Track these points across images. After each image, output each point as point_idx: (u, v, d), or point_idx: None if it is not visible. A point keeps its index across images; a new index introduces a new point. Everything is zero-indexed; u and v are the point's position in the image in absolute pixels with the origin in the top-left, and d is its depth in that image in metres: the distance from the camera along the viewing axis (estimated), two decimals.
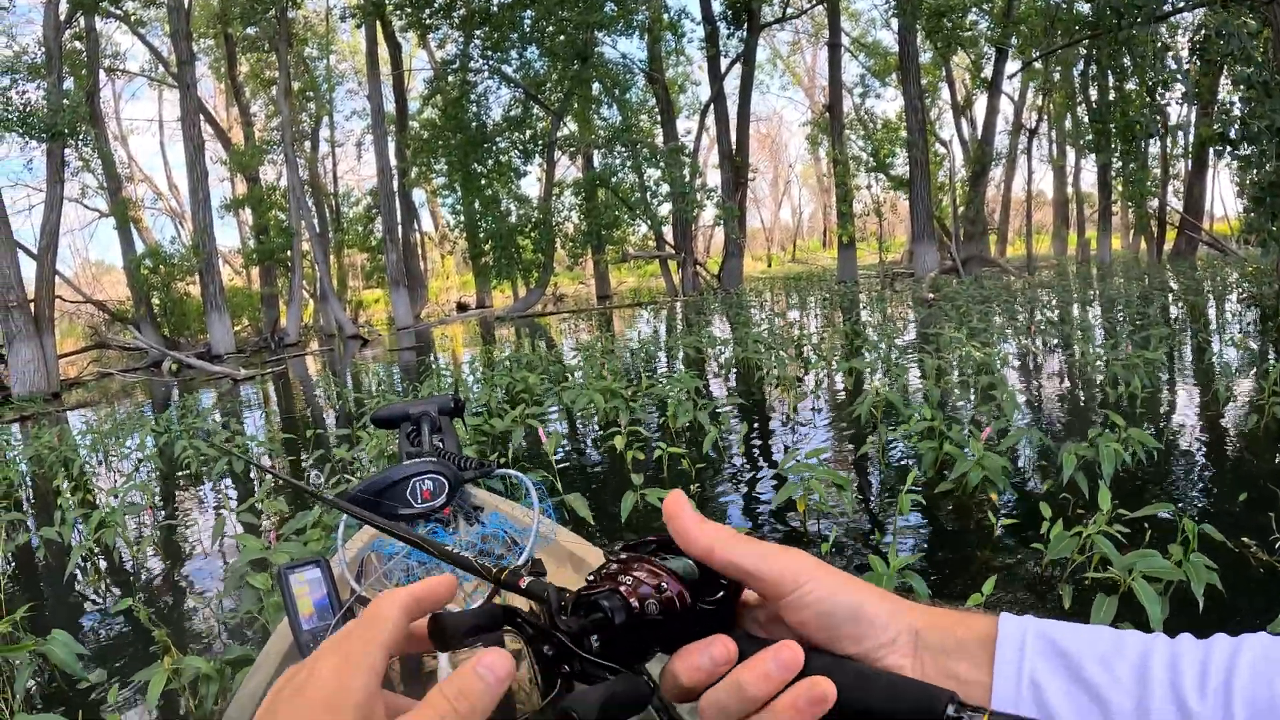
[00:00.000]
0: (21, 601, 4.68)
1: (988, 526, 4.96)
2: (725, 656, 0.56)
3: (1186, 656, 0.51)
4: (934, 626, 0.58)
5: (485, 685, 0.51)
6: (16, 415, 16.21)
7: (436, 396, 2.07)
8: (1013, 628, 0.56)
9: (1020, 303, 18.45)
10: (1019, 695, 0.54)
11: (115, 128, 45.70)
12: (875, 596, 0.59)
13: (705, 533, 0.60)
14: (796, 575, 0.58)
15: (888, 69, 36.48)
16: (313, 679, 0.50)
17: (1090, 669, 0.53)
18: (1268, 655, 0.49)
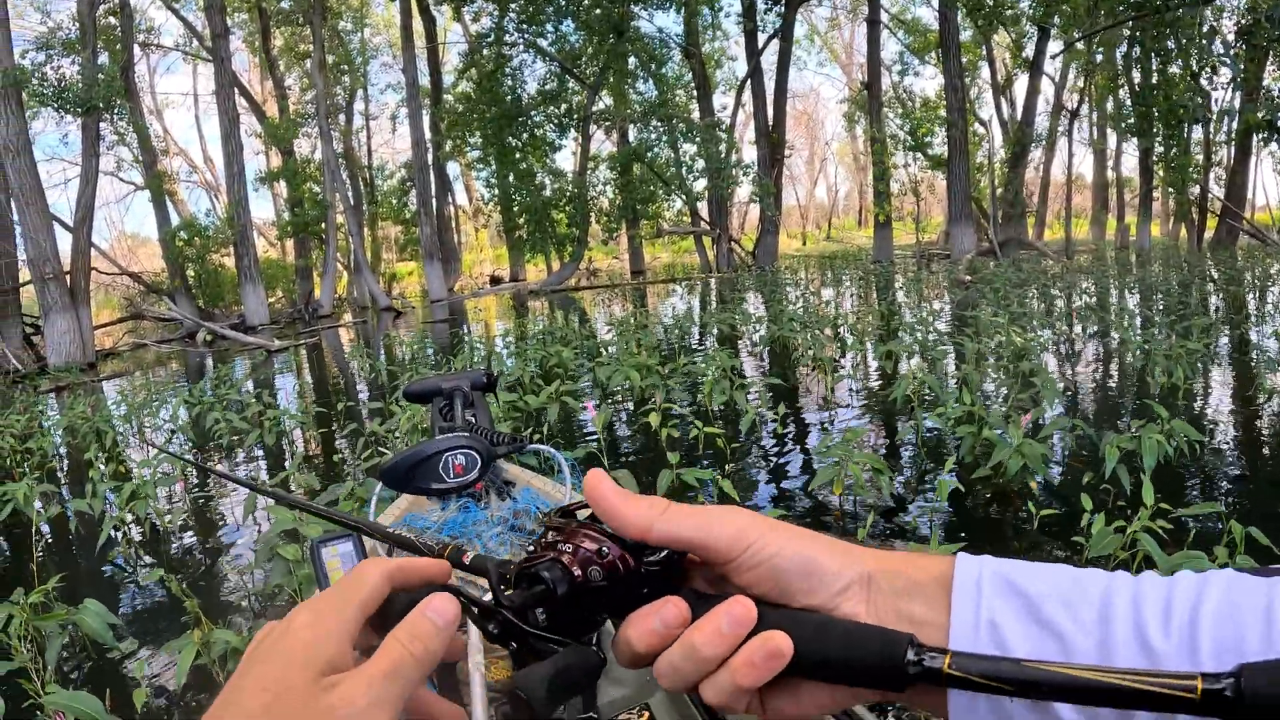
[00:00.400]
0: (54, 572, 4.70)
1: (1025, 516, 4.89)
2: (677, 618, 0.55)
3: (1150, 594, 0.50)
4: (886, 570, 0.57)
5: (435, 628, 0.54)
6: (53, 385, 16.34)
7: (469, 371, 2.07)
8: (970, 567, 0.55)
9: (1058, 288, 18.23)
10: (977, 635, 0.52)
11: (150, 102, 45.88)
12: (824, 546, 0.58)
13: (636, 511, 0.58)
14: (742, 537, 0.57)
15: (927, 46, 36.06)
16: (287, 634, 0.52)
17: (1050, 607, 0.51)
18: (1233, 591, 0.48)
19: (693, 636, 0.54)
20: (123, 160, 34.88)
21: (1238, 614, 0.47)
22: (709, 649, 0.53)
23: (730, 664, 0.53)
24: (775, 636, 0.52)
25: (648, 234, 35.74)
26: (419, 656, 0.53)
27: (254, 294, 27.38)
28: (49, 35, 22.63)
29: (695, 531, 0.57)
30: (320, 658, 0.51)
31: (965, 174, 30.38)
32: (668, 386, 8.27)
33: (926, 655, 0.49)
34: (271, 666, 0.50)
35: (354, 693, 0.49)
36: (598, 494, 0.59)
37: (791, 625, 0.53)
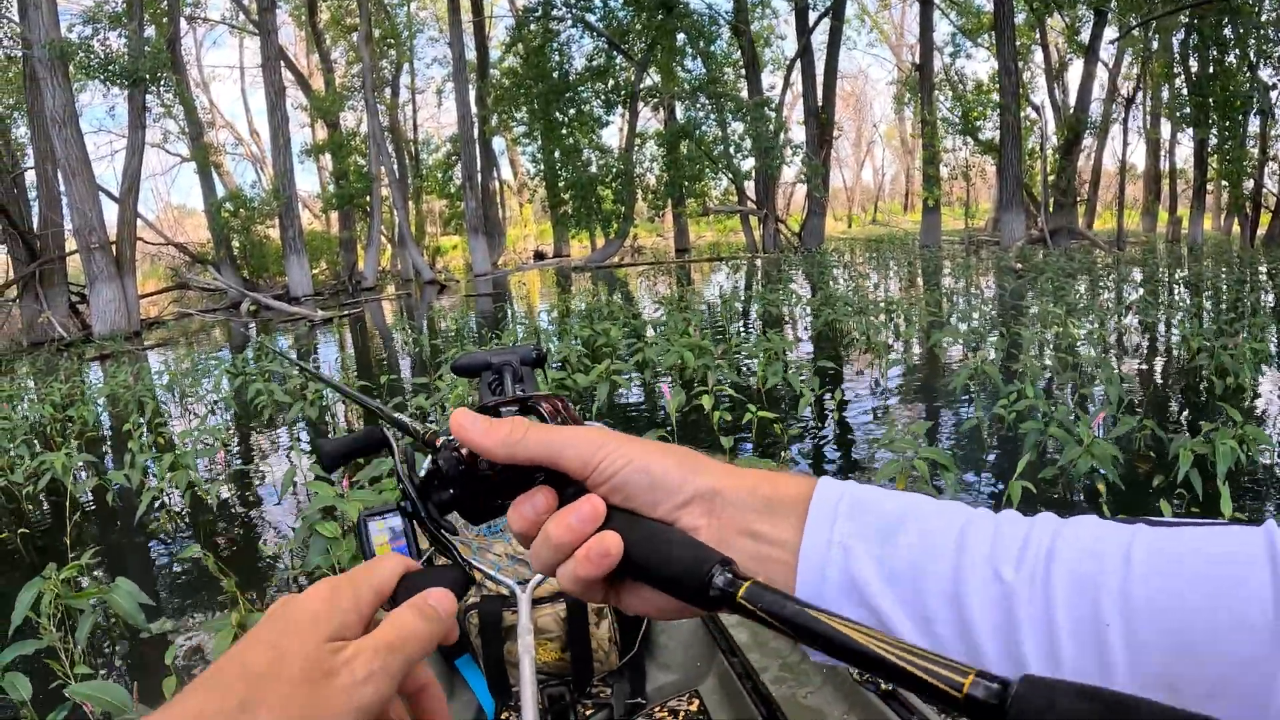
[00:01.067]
0: (91, 544, 4.59)
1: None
2: (546, 506, 0.60)
3: (1007, 529, 0.52)
4: (738, 486, 0.58)
5: (436, 614, 0.57)
6: (97, 354, 16.43)
7: (519, 346, 1.94)
8: (830, 491, 0.57)
9: (1112, 280, 17.81)
10: (827, 557, 0.54)
11: (197, 75, 46.19)
12: (673, 460, 0.59)
13: (497, 436, 0.61)
14: (593, 455, 0.59)
15: (980, 28, 35.44)
16: (300, 602, 0.54)
17: (906, 535, 0.53)
18: (1093, 535, 0.49)
19: (549, 525, 0.58)
20: (169, 132, 35.09)
21: (1098, 554, 0.47)
22: (558, 536, 0.57)
23: (575, 554, 0.57)
24: (607, 537, 0.56)
25: (693, 212, 35.49)
26: (422, 635, 0.55)
27: (298, 265, 27.48)
28: (96, 9, 22.78)
29: (549, 450, 0.60)
30: (329, 624, 0.52)
31: (1017, 160, 29.83)
32: (720, 367, 8.06)
33: (724, 578, 0.50)
34: (280, 628, 0.52)
35: (357, 659, 0.51)
36: (461, 431, 0.61)
37: (627, 529, 0.57)
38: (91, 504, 6.41)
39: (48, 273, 21.24)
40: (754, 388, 7.89)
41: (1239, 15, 27.33)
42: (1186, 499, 4.77)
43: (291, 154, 28.05)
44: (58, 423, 8.75)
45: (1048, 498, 5.16)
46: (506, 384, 1.85)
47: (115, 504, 6.26)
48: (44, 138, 20.40)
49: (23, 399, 10.35)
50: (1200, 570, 0.44)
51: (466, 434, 0.62)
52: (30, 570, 3.74)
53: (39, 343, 19.71)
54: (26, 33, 19.29)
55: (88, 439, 8.29)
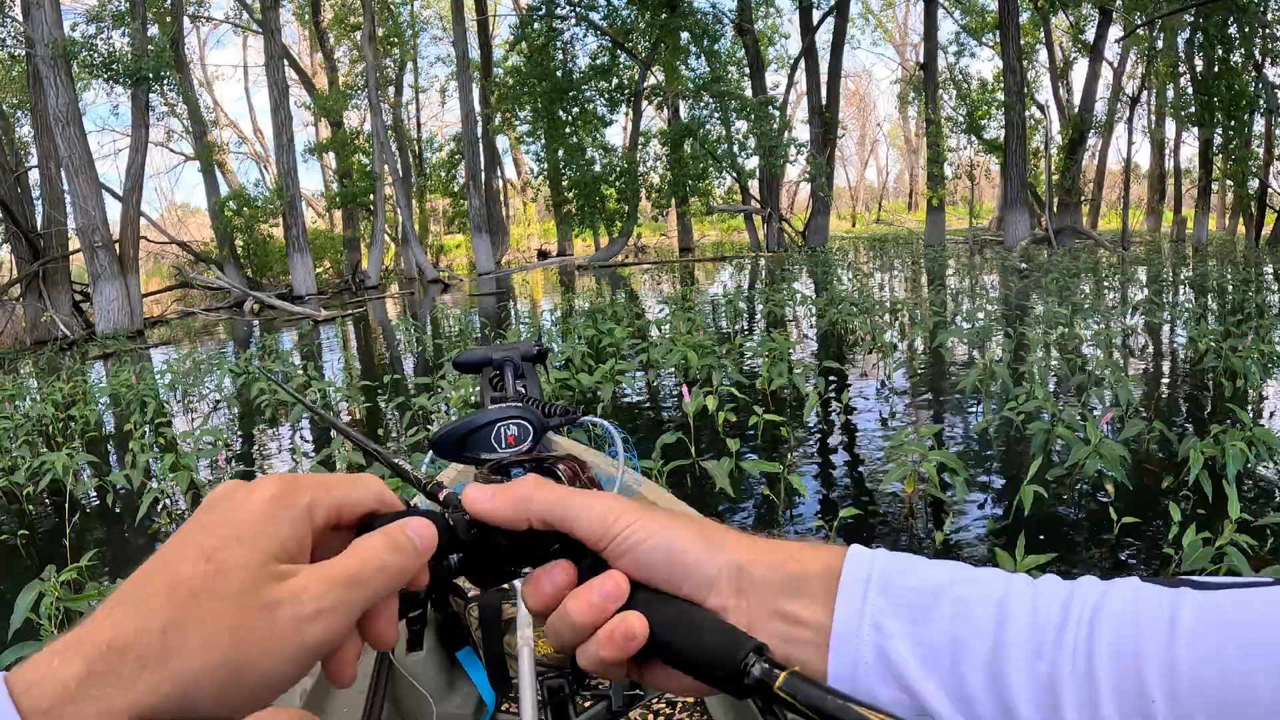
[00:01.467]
0: (92, 546, 4.56)
1: (1104, 521, 4.61)
2: (565, 581, 0.57)
3: (1046, 599, 0.49)
4: (761, 563, 0.55)
5: (414, 546, 0.53)
6: (100, 352, 16.41)
7: (520, 342, 2.02)
8: (860, 564, 0.54)
9: (1118, 280, 17.75)
10: (860, 638, 0.51)
11: (200, 74, 46.23)
12: (691, 535, 0.56)
13: (507, 498, 0.58)
14: (606, 525, 0.56)
15: (984, 26, 35.37)
16: (246, 502, 0.48)
17: (942, 610, 0.50)
18: (1135, 603, 0.47)
19: (569, 603, 0.55)
20: (173, 131, 35.25)
21: (1139, 621, 0.45)
22: (579, 617, 0.54)
23: (597, 635, 0.54)
24: (630, 618, 0.53)
25: (697, 211, 35.46)
26: (390, 569, 0.51)
27: (302, 264, 27.49)
28: (100, 7, 22.79)
29: (562, 515, 0.57)
30: (274, 539, 0.47)
31: (1022, 159, 29.79)
32: (725, 368, 8.02)
33: (761, 667, 0.47)
34: (218, 534, 0.46)
35: (306, 589, 0.46)
36: (473, 505, 0.59)
37: (654, 609, 0.54)
38: (94, 505, 6.37)
39: (51, 271, 21.25)
40: (758, 388, 7.85)
41: (1245, 13, 27.26)
42: (1193, 500, 4.73)
43: (295, 153, 28.05)
44: (59, 422, 8.73)
45: (1056, 499, 5.11)
46: (507, 379, 1.92)
47: (119, 505, 6.21)
48: (47, 136, 20.43)
49: (25, 398, 10.33)
50: (1246, 637, 0.42)
51: (478, 506, 0.58)
52: (32, 572, 3.70)
53: (42, 341, 19.70)
54: (29, 31, 19.31)
55: (89, 439, 8.24)
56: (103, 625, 0.41)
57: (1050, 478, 5.04)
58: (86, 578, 3.72)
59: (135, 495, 5.50)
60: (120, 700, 0.39)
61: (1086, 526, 4.77)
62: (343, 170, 32.52)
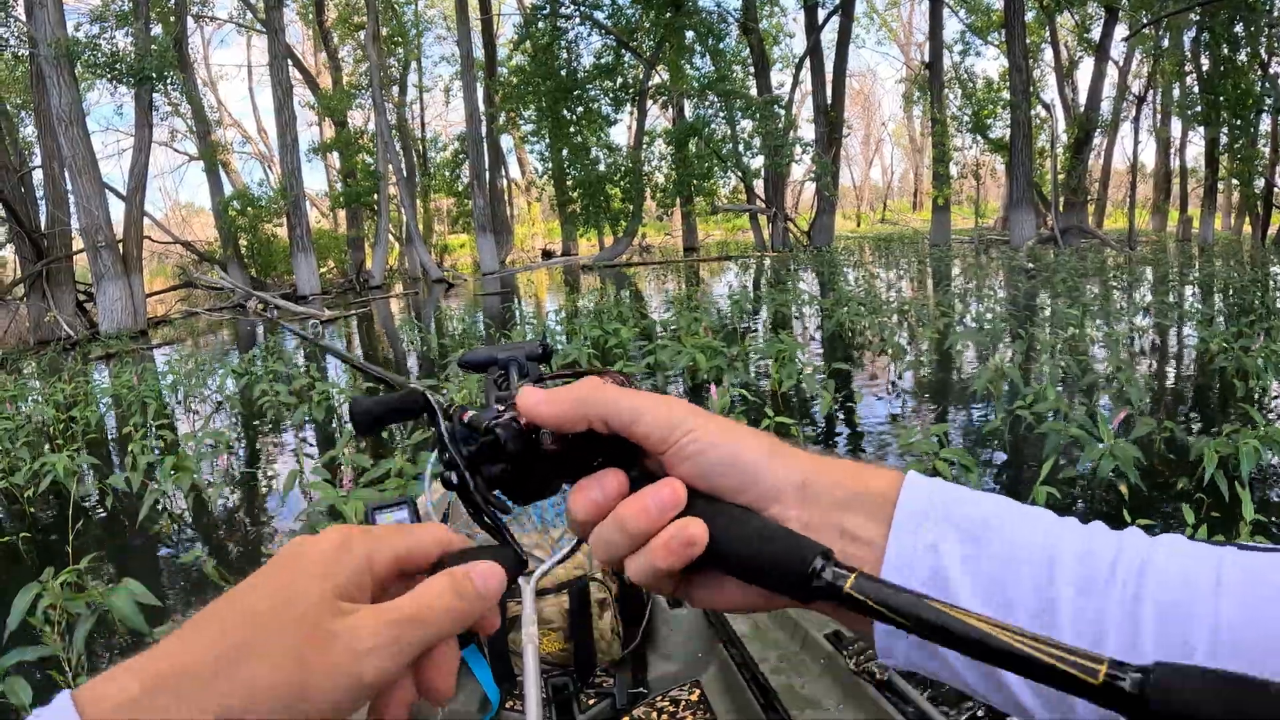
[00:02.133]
0: (93, 549, 4.51)
1: (1116, 523, 4.54)
2: (616, 490, 0.55)
3: (1098, 544, 0.49)
4: (826, 478, 0.55)
5: (477, 592, 0.52)
6: (104, 352, 16.38)
7: (524, 342, 1.94)
8: (918, 488, 0.53)
9: (1126, 280, 17.65)
10: (915, 557, 0.51)
11: (205, 74, 46.32)
12: (760, 446, 0.55)
13: (569, 396, 0.56)
14: (675, 427, 0.55)
15: (990, 25, 35.30)
16: (313, 546, 0.50)
17: (996, 541, 0.50)
18: (1183, 556, 0.47)
19: (621, 510, 0.53)
20: (177, 131, 35.19)
21: (1188, 576, 0.45)
22: (634, 524, 0.53)
23: (650, 544, 0.52)
24: (691, 524, 0.52)
25: (702, 211, 35.42)
26: (452, 612, 0.50)
27: (306, 264, 27.46)
28: (103, 7, 22.81)
29: (626, 414, 0.55)
30: (338, 576, 0.48)
31: (1028, 158, 29.72)
32: (735, 370, 7.94)
33: (832, 570, 0.47)
34: (288, 573, 0.48)
35: (365, 626, 0.47)
36: (530, 405, 0.57)
37: (713, 516, 0.52)
38: (96, 507, 6.31)
39: (55, 271, 21.22)
40: (765, 390, 7.78)
41: (1254, 12, 27.17)
42: (1207, 503, 4.66)
43: (299, 152, 28.08)
44: (61, 423, 8.67)
45: (1068, 500, 5.04)
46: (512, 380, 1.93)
47: (117, 507, 6.16)
48: (50, 136, 20.44)
49: (27, 399, 10.28)
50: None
51: (533, 406, 0.56)
52: (33, 573, 3.65)
53: (46, 341, 19.69)
54: (33, 31, 19.28)
55: (90, 440, 8.18)
56: (173, 647, 0.43)
57: (1062, 478, 4.98)
58: (86, 580, 3.67)
59: (136, 498, 5.44)
60: (178, 712, 0.41)
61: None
62: (347, 170, 32.53)
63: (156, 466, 5.72)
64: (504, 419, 0.58)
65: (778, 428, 6.03)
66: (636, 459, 0.57)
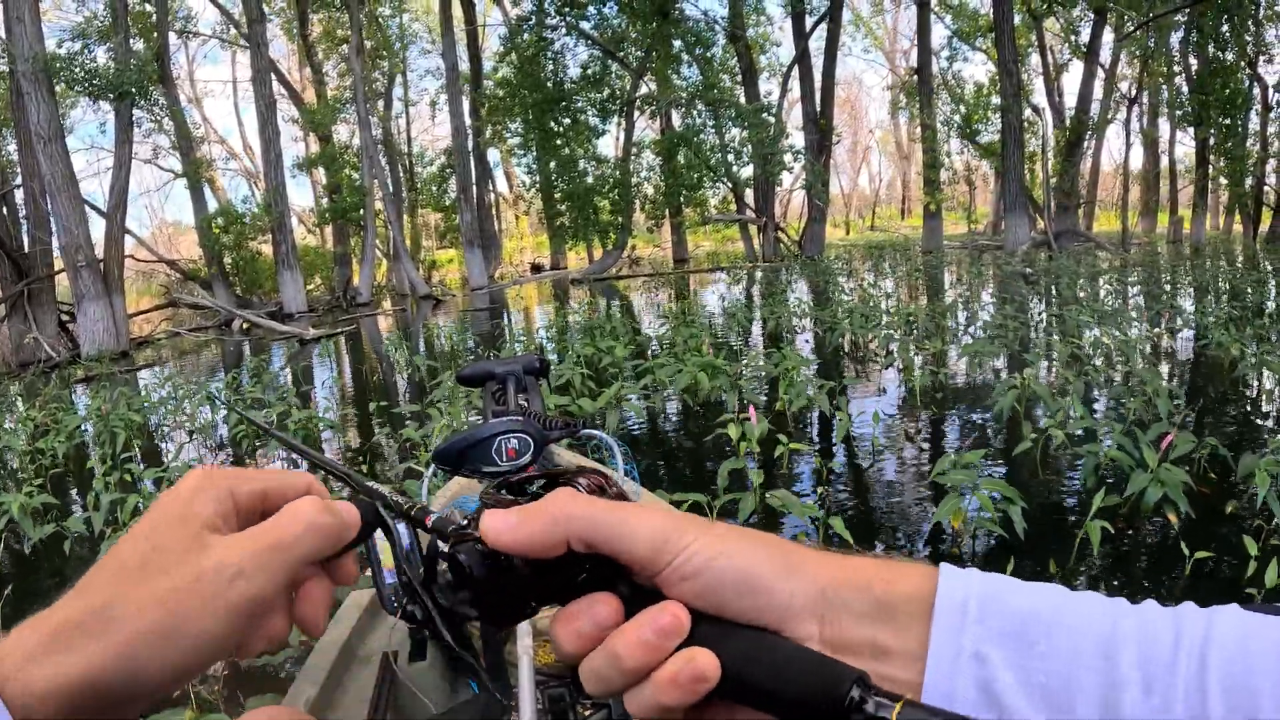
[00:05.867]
0: (38, 605, 4.07)
1: (1170, 554, 4.15)
2: (608, 619, 0.49)
3: (1155, 628, 0.44)
4: (846, 584, 0.48)
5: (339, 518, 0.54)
6: (84, 375, 15.95)
7: (521, 356, 2.04)
8: (955, 587, 0.47)
9: (1128, 283, 17.33)
10: (957, 669, 0.45)
11: (189, 90, 46.08)
12: (766, 556, 0.48)
13: (540, 520, 0.49)
14: (664, 545, 0.48)
15: (977, 30, 35.19)
16: (174, 488, 0.53)
17: (1047, 640, 0.45)
18: (1245, 632, 0.43)
19: (615, 643, 0.47)
20: (160, 148, 34.86)
21: (1251, 654, 0.42)
22: (631, 659, 0.46)
23: (654, 678, 0.46)
24: (699, 655, 0.46)
25: (692, 222, 35.16)
26: (313, 530, 0.52)
27: (292, 281, 27.08)
28: (85, 24, 22.53)
29: (612, 534, 0.49)
30: (201, 512, 0.50)
31: (1019, 162, 29.53)
32: (740, 388, 7.54)
33: (873, 700, 0.41)
34: (150, 520, 0.51)
35: (229, 553, 0.49)
36: (497, 536, 0.50)
37: (723, 642, 0.46)
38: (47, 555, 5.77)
39: (36, 292, 20.84)
40: (774, 409, 7.39)
41: (1241, 5, 27.12)
42: (1266, 530, 4.28)
43: (283, 168, 27.73)
44: (27, 454, 8.20)
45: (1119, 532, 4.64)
46: (510, 394, 1.92)
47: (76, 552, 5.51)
48: (30, 154, 20.05)
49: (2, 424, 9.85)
50: None
51: (501, 537, 0.49)
52: None
53: (27, 363, 19.27)
54: (10, 47, 18.93)
55: (55, 475, 7.66)
56: (60, 608, 0.47)
57: (1103, 505, 4.59)
58: None
59: (99, 541, 5.00)
60: (72, 664, 0.45)
61: (1154, 562, 4.30)
62: (332, 185, 32.22)
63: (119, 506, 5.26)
64: (468, 544, 0.51)
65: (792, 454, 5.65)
66: (626, 573, 0.50)
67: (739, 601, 0.47)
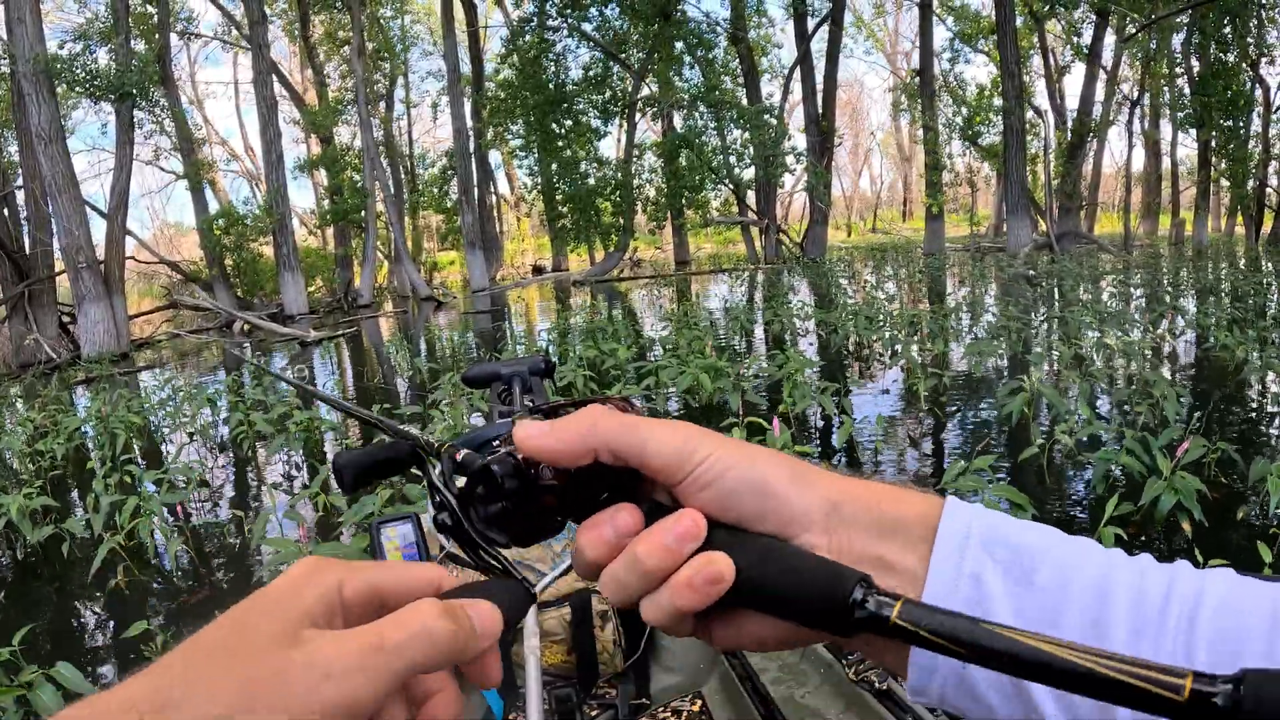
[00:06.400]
0: (34, 614, 4.02)
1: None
2: (629, 526, 0.51)
3: (1149, 578, 0.46)
4: (855, 501, 0.50)
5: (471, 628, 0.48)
6: (83, 376, 15.90)
7: (527, 357, 1.74)
8: (959, 514, 0.49)
9: (1132, 285, 17.27)
10: (956, 588, 0.48)
11: (191, 92, 46.08)
12: (783, 469, 0.51)
13: (571, 429, 0.52)
14: (687, 455, 0.51)
15: (978, 32, 35.14)
16: (280, 577, 0.48)
17: (1042, 572, 0.47)
18: (1238, 589, 0.45)
19: (636, 547, 0.50)
20: (161, 149, 34.84)
21: (1242, 613, 0.43)
22: (651, 561, 0.49)
23: (670, 582, 0.48)
24: (717, 559, 0.48)
25: (694, 224, 35.10)
26: (433, 639, 0.45)
27: (293, 283, 27.04)
28: (87, 25, 22.50)
29: (634, 444, 0.51)
30: (299, 609, 0.45)
31: (1022, 164, 29.45)
32: (743, 390, 7.48)
33: (875, 599, 0.43)
34: (245, 607, 0.46)
35: (328, 651, 0.44)
36: (527, 439, 0.52)
37: (738, 548, 0.49)
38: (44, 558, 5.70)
39: (37, 293, 20.83)
40: (765, 407, 7.33)
41: (1245, 6, 27.09)
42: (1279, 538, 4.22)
43: (284, 170, 27.65)
44: (27, 456, 8.14)
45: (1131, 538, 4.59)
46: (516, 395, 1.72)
47: (74, 555, 5.49)
48: (31, 155, 20.01)
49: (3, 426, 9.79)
50: None
51: (533, 441, 0.51)
52: None
53: (28, 364, 19.23)
54: (12, 48, 18.91)
55: (55, 476, 7.61)
56: (125, 687, 0.42)
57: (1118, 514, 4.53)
58: (22, 660, 3.19)
59: (96, 543, 4.91)
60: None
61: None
62: (334, 187, 32.16)
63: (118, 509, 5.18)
64: (499, 454, 0.53)
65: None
66: (647, 491, 0.53)
67: (752, 509, 0.50)
